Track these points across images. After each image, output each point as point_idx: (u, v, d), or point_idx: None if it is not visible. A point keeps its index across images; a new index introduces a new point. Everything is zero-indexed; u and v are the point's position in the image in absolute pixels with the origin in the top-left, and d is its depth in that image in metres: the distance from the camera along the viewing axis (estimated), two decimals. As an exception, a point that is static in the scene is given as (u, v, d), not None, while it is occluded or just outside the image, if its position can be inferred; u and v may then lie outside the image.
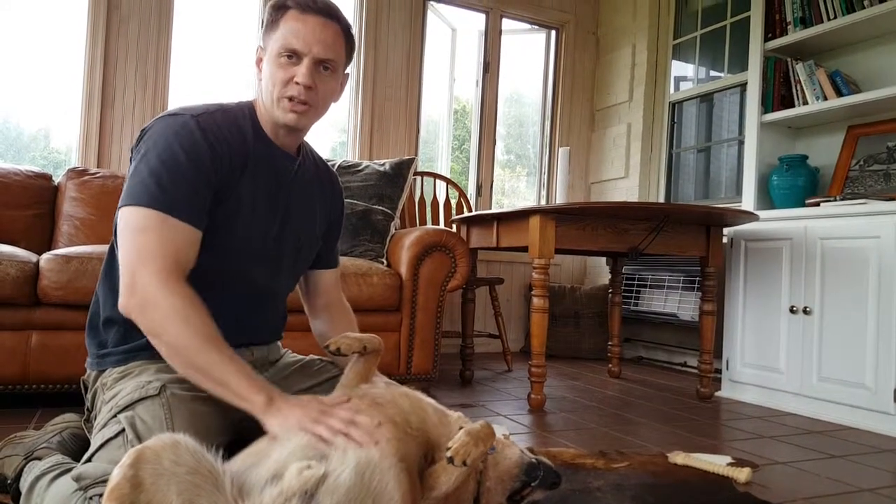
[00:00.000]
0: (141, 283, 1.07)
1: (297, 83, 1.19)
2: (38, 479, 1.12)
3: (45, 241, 2.66)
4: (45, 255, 2.11)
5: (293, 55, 1.19)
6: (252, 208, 1.24)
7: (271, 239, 1.29)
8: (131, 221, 1.11)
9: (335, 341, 1.18)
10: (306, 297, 1.52)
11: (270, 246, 1.29)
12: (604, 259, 4.09)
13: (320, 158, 1.48)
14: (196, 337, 1.05)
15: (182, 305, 1.06)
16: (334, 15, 1.23)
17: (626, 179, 4.16)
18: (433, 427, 1.07)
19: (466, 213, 3.39)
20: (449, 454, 0.97)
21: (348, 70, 1.34)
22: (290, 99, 1.20)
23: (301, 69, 1.19)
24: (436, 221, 3.67)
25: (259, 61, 1.26)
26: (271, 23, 1.22)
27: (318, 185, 1.43)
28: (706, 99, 3.91)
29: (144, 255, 1.08)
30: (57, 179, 2.82)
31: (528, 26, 4.36)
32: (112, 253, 1.26)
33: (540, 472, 1.11)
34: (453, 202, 3.75)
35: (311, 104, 1.22)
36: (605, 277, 4.14)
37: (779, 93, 2.98)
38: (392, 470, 0.91)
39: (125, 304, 1.09)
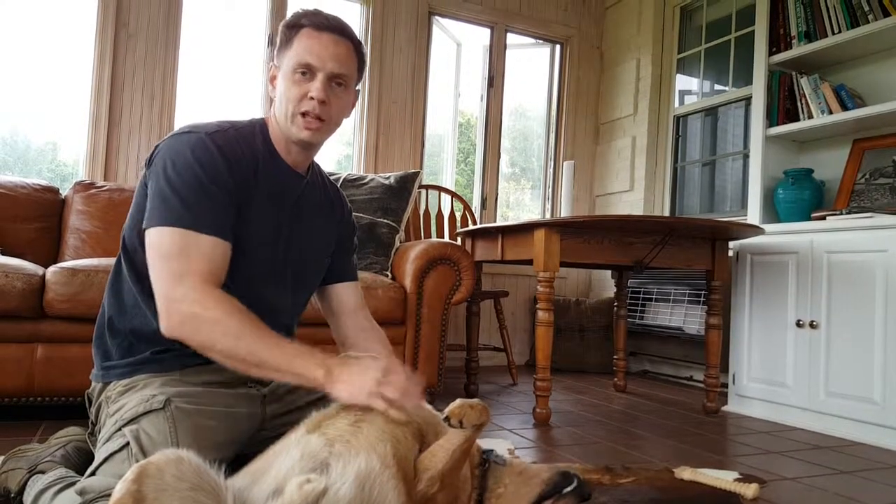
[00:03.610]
0: (177, 302, 1.08)
1: (311, 98, 1.21)
2: (41, 492, 1.12)
3: (51, 254, 2.67)
4: (52, 268, 2.12)
5: (307, 71, 1.21)
6: (259, 226, 1.25)
7: (276, 256, 1.30)
8: (160, 243, 1.12)
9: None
10: (331, 319, 1.49)
11: (275, 263, 1.30)
12: (609, 272, 4.08)
13: (329, 178, 1.49)
14: (242, 338, 1.07)
15: (221, 312, 1.08)
16: (347, 33, 1.26)
17: (631, 193, 4.16)
18: (426, 418, 1.08)
19: (471, 226, 3.39)
20: (445, 414, 0.99)
21: (359, 87, 1.36)
22: (305, 114, 1.22)
23: (315, 84, 1.21)
24: (440, 234, 3.67)
25: (273, 79, 1.28)
26: (285, 41, 1.24)
27: (327, 205, 1.44)
28: (711, 113, 3.91)
29: (178, 275, 1.09)
30: (64, 192, 2.83)
31: (532, 41, 4.39)
32: (119, 266, 1.26)
33: (575, 479, 1.09)
34: (458, 215, 3.75)
35: (325, 119, 1.24)
36: (610, 291, 4.12)
37: (784, 106, 2.98)
38: (392, 481, 0.92)
39: (166, 327, 1.10)
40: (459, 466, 1.02)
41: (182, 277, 1.09)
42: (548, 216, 4.41)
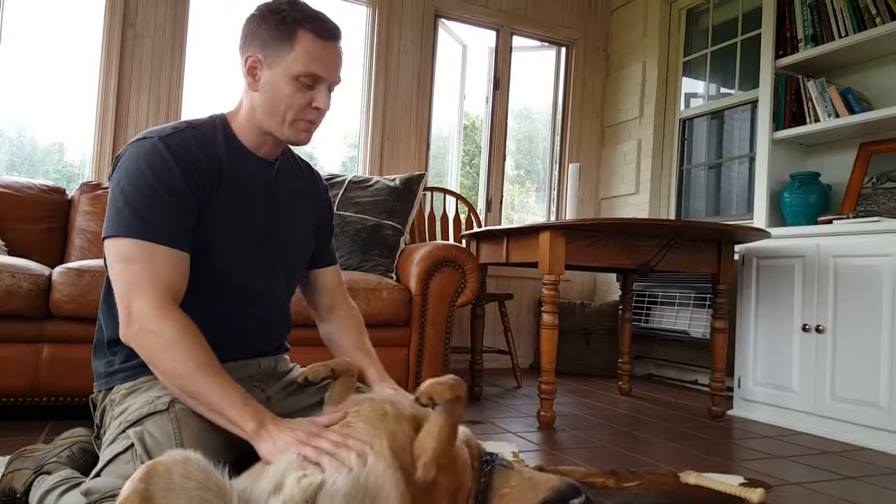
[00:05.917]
0: (136, 313, 1.09)
1: (317, 108, 1.22)
2: (47, 493, 1.12)
3: (57, 255, 2.68)
4: (58, 269, 2.12)
5: (312, 80, 1.20)
6: (233, 219, 1.25)
7: (258, 245, 1.30)
8: (117, 253, 1.13)
9: (302, 373, 1.23)
10: (310, 299, 1.53)
11: (259, 252, 1.30)
12: (614, 275, 4.07)
13: (299, 158, 1.49)
14: (189, 364, 1.06)
15: (174, 332, 1.08)
16: (342, 38, 1.26)
17: (637, 195, 4.16)
18: (425, 415, 1.08)
19: (476, 229, 3.39)
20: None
21: None
22: (307, 121, 1.24)
23: (321, 96, 1.22)
24: (445, 237, 3.67)
25: (254, 69, 1.22)
26: (281, 38, 1.19)
27: (303, 185, 1.44)
28: (717, 116, 3.90)
29: (135, 286, 1.10)
30: (70, 193, 2.84)
31: (538, 43, 4.38)
32: (107, 280, 1.27)
33: (584, 496, 1.09)
34: (463, 217, 3.75)
35: (320, 123, 1.28)
36: (615, 294, 4.12)
37: (790, 110, 2.98)
38: (388, 471, 0.93)
39: (124, 335, 1.11)
40: (450, 446, 1.03)
41: (141, 288, 1.09)
42: (553, 219, 4.41)
